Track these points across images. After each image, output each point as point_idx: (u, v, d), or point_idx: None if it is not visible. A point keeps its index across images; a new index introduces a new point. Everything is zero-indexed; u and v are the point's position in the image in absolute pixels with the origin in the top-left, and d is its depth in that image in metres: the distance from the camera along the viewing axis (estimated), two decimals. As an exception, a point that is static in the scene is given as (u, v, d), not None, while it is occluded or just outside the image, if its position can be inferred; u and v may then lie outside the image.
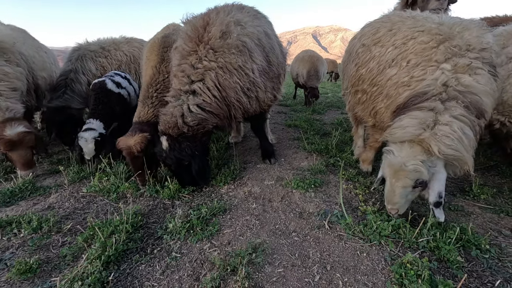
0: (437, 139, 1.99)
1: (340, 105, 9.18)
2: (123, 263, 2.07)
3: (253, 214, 2.63)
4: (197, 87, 2.70)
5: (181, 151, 2.68)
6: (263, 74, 3.10)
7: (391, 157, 2.19)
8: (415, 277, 1.76)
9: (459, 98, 2.09)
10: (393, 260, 2.01)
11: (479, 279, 1.87)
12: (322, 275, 1.92)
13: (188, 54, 2.80)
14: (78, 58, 4.73)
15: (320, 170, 3.51)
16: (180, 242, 2.27)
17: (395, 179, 2.16)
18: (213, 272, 1.91)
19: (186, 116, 2.66)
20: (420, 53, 2.37)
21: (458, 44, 2.25)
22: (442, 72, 2.19)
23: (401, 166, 2.10)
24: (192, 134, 2.70)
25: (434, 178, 2.11)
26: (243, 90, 2.88)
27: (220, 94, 2.77)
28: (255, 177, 3.41)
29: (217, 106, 2.76)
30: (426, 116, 2.09)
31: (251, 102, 3.03)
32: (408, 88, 2.36)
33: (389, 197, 2.26)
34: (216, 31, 2.77)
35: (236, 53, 2.77)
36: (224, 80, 2.74)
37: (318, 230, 2.38)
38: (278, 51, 3.46)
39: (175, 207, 2.78)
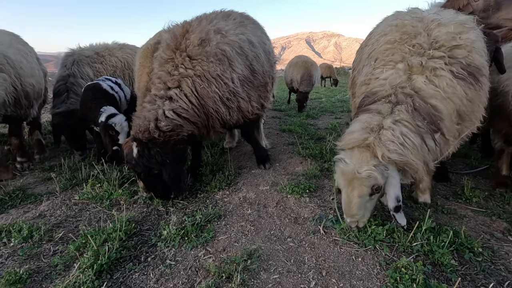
0: (381, 144, 1.91)
1: (334, 110, 9.26)
2: (116, 271, 2.03)
3: (248, 220, 2.62)
4: (173, 93, 2.65)
5: (150, 158, 2.54)
6: (246, 84, 3.04)
7: (343, 165, 2.02)
8: (410, 281, 1.76)
9: (408, 102, 1.99)
10: (388, 264, 2.01)
11: (472, 282, 1.88)
12: (318, 280, 1.91)
13: (165, 62, 2.77)
14: (73, 63, 4.67)
15: (315, 175, 3.52)
16: (175, 249, 2.24)
17: (351, 189, 2.02)
18: (208, 279, 1.89)
19: (160, 121, 2.57)
20: (384, 52, 2.29)
21: (419, 43, 2.14)
22: (395, 72, 2.10)
23: (355, 173, 1.95)
24: (163, 140, 2.58)
25: (388, 183, 2.00)
26: (222, 100, 2.81)
27: (198, 102, 2.73)
28: (250, 183, 3.41)
29: (194, 113, 2.70)
30: (372, 120, 2.01)
31: (231, 112, 2.95)
32: (367, 86, 2.30)
33: (347, 209, 2.12)
34: (194, 39, 2.75)
35: (214, 62, 2.72)
36: (201, 88, 2.70)
37: (313, 235, 2.38)
38: (264, 60, 3.37)
39: (169, 213, 2.76)
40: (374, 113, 2.04)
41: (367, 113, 2.08)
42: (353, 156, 2.00)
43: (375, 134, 1.96)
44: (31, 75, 4.07)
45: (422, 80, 2.02)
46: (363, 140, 1.98)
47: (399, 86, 2.04)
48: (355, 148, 2.02)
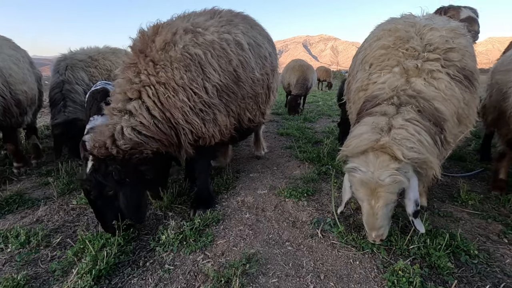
0: (398, 143, 1.79)
1: (331, 114, 9.32)
2: (114, 277, 2.03)
3: (246, 224, 2.63)
4: (133, 107, 2.28)
5: (106, 175, 2.18)
6: (226, 94, 2.58)
7: (360, 174, 1.86)
8: (407, 284, 1.78)
9: (412, 103, 1.95)
10: (386, 267, 2.03)
11: (469, 284, 1.91)
12: (316, 284, 1.92)
13: (128, 67, 2.40)
14: (67, 68, 4.47)
15: (313, 178, 3.54)
16: (173, 254, 2.25)
17: (375, 200, 1.86)
18: (207, 284, 1.90)
19: (117, 139, 2.22)
20: (379, 57, 2.27)
21: (412, 46, 2.14)
22: (392, 76, 2.09)
23: (377, 182, 1.80)
24: (122, 157, 2.23)
25: (408, 186, 1.87)
26: (194, 110, 2.40)
27: (163, 115, 2.34)
28: (248, 186, 3.42)
29: (156, 129, 2.32)
30: (378, 120, 1.93)
31: (207, 125, 2.51)
32: (365, 92, 2.25)
33: (371, 223, 1.95)
34: (159, 42, 2.38)
35: (179, 68, 2.32)
36: (167, 98, 2.30)
37: (311, 239, 2.39)
38: (256, 65, 2.90)
39: (168, 218, 2.75)
40: (378, 115, 1.97)
41: (370, 116, 2.00)
42: (369, 162, 1.85)
43: (386, 133, 1.85)
44: (23, 81, 3.89)
45: (421, 82, 2.00)
46: (375, 141, 1.84)
47: (400, 88, 2.01)
48: (368, 153, 1.87)
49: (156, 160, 2.42)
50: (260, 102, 3.11)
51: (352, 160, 1.95)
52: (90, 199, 2.27)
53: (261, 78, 3.02)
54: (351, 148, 1.94)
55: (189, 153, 2.60)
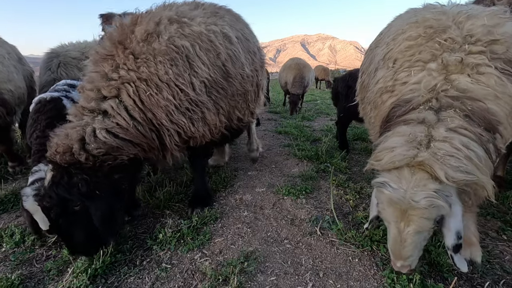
0: (440, 161, 1.46)
1: (329, 112, 9.31)
2: (110, 276, 2.00)
3: (244, 222, 2.61)
4: (109, 106, 1.98)
5: (69, 188, 1.83)
6: (216, 91, 2.36)
7: (390, 191, 1.55)
8: (407, 282, 1.77)
9: (456, 106, 1.61)
10: (385, 265, 2.01)
11: (468, 281, 1.89)
12: (315, 282, 1.90)
13: (103, 59, 2.09)
14: (59, 65, 4.18)
15: (311, 176, 3.52)
16: (170, 252, 2.22)
17: (405, 223, 1.55)
18: (204, 282, 1.87)
19: (88, 142, 1.90)
20: (406, 50, 1.95)
21: (450, 37, 1.79)
22: (427, 74, 1.75)
23: (409, 202, 1.49)
24: (92, 165, 1.89)
25: (450, 213, 1.53)
26: (179, 109, 2.16)
27: (144, 116, 2.06)
28: (246, 184, 3.40)
29: (136, 132, 2.03)
30: (415, 131, 1.60)
31: (196, 124, 2.28)
32: (391, 94, 1.93)
33: (398, 250, 1.62)
34: (140, 32, 2.12)
35: (164, 62, 2.07)
36: (149, 96, 2.03)
37: (310, 236, 2.37)
38: (245, 61, 2.69)
39: (165, 216, 2.72)
40: (415, 123, 1.64)
41: (404, 125, 1.68)
42: (402, 178, 1.54)
43: (425, 148, 1.53)
44: (7, 80, 3.66)
45: (466, 79, 1.65)
46: (413, 157, 1.52)
47: (440, 89, 1.67)
48: (403, 168, 1.56)
49: (132, 167, 2.16)
50: (249, 100, 2.91)
51: (382, 174, 1.65)
52: (50, 219, 1.91)
53: (251, 75, 2.81)
54: (383, 162, 1.64)
55: (176, 156, 2.37)
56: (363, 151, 4.66)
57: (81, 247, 1.98)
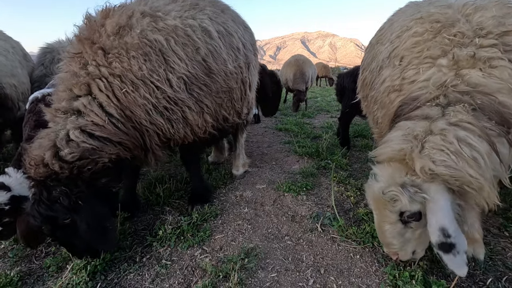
0: (423, 154, 1.47)
1: (330, 109, 9.28)
2: (110, 272, 1.99)
3: (245, 219, 2.59)
4: (81, 105, 1.84)
5: (51, 204, 1.70)
6: (197, 88, 2.24)
7: (371, 182, 1.66)
8: (409, 278, 1.75)
9: (465, 100, 1.55)
10: (386, 261, 2.00)
11: (471, 278, 1.88)
12: (316, 278, 1.89)
13: (71, 59, 1.98)
14: (52, 61, 4.07)
15: (312, 173, 3.50)
16: (170, 249, 2.21)
17: (378, 212, 1.68)
18: (204, 279, 1.86)
19: (60, 148, 1.74)
20: (413, 47, 1.89)
21: (460, 31, 1.72)
22: (437, 70, 1.70)
23: (379, 193, 1.57)
24: (69, 174, 1.74)
25: (428, 209, 1.50)
26: (157, 109, 2.04)
27: (122, 113, 1.94)
28: (246, 181, 3.38)
29: (114, 129, 1.90)
30: (416, 126, 1.58)
31: (175, 125, 2.17)
32: (399, 93, 1.88)
33: (380, 236, 1.79)
34: (110, 25, 1.99)
35: (137, 57, 1.94)
36: (125, 94, 1.91)
37: (311, 233, 2.36)
38: (228, 56, 2.55)
39: (165, 213, 2.71)
40: (419, 119, 1.61)
41: (406, 121, 1.68)
42: (384, 171, 1.60)
43: (419, 142, 1.51)
44: (11, 74, 3.62)
45: (477, 74, 1.59)
46: (398, 150, 1.56)
47: (449, 84, 1.61)
48: (390, 162, 1.61)
49: (118, 169, 2.04)
50: (235, 98, 2.78)
51: (377, 166, 1.69)
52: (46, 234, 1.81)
53: (234, 71, 2.65)
54: (377, 154, 1.70)
55: (159, 156, 2.26)
56: (364, 148, 4.63)
57: (83, 253, 1.93)
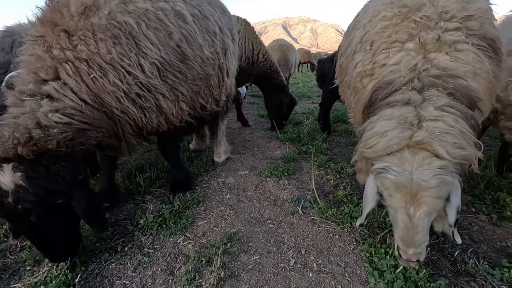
0: (438, 138, 1.45)
1: (311, 95, 9.35)
2: (91, 263, 1.96)
3: (227, 204, 2.61)
4: (52, 89, 1.73)
5: (54, 178, 1.64)
6: (172, 75, 2.15)
7: (395, 175, 1.48)
8: (384, 254, 1.85)
9: (439, 84, 1.60)
10: (364, 240, 2.09)
11: (440, 251, 2.01)
12: (297, 259, 1.95)
13: (34, 42, 1.86)
14: (13, 45, 3.67)
15: (293, 158, 3.55)
16: (153, 237, 2.19)
17: (415, 207, 1.47)
18: (187, 265, 1.88)
19: (46, 127, 1.66)
20: (382, 31, 1.90)
21: (425, 15, 1.76)
22: (406, 54, 1.73)
23: (419, 183, 1.43)
24: (65, 151, 1.70)
25: (453, 189, 1.51)
26: (128, 96, 1.94)
27: (95, 99, 1.85)
28: (228, 168, 3.38)
29: (92, 114, 1.83)
30: (404, 112, 1.57)
31: (148, 114, 2.08)
32: (372, 78, 1.89)
33: (410, 238, 1.53)
34: (75, 5, 1.85)
35: (105, 39, 1.82)
36: (93, 80, 1.81)
37: (292, 216, 2.42)
38: (204, 41, 2.44)
39: (146, 202, 2.68)
40: (400, 105, 1.60)
41: (389, 107, 1.64)
42: (404, 160, 1.48)
43: (418, 128, 1.51)
44: None
45: (445, 57, 1.63)
46: (409, 137, 1.49)
47: (421, 68, 1.64)
48: (403, 150, 1.51)
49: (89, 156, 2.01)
50: (212, 86, 2.70)
51: (381, 159, 1.57)
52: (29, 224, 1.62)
53: (211, 57, 2.55)
54: (378, 149, 1.57)
55: (133, 145, 2.20)
56: (344, 133, 4.74)
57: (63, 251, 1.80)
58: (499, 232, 2.24)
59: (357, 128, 2.43)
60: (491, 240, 2.16)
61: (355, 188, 2.83)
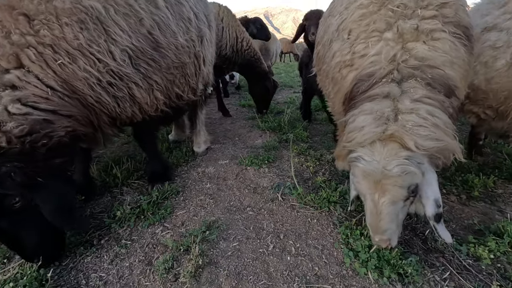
0: (409, 131, 1.48)
1: (293, 85, 9.37)
2: (65, 258, 1.90)
3: (207, 194, 2.59)
4: (14, 78, 1.60)
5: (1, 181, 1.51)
6: (145, 63, 2.06)
7: (364, 164, 1.55)
8: (359, 235, 1.90)
9: (417, 75, 1.61)
10: (341, 223, 2.14)
11: (412, 231, 2.10)
12: (276, 243, 1.98)
13: None
14: None
15: (274, 146, 3.57)
16: (130, 229, 2.15)
17: (379, 194, 1.54)
18: (166, 254, 1.86)
19: (3, 122, 1.55)
20: (359, 20, 1.87)
21: (402, 3, 1.74)
22: (385, 44, 1.71)
23: (383, 172, 1.48)
24: (21, 149, 1.57)
25: (425, 181, 1.54)
26: (101, 84, 1.85)
27: (65, 86, 1.73)
28: (209, 158, 3.35)
29: (60, 101, 1.71)
30: (382, 107, 1.58)
31: (121, 104, 2.00)
32: (351, 68, 1.86)
33: (375, 223, 1.60)
34: None
35: (71, 24, 1.70)
36: (61, 66, 1.69)
37: (272, 202, 2.44)
38: (178, 28, 2.35)
39: (124, 194, 2.61)
40: (380, 98, 1.61)
41: (369, 101, 1.65)
42: (375, 150, 1.53)
43: (393, 122, 1.53)
44: None
45: (423, 47, 1.65)
46: (382, 132, 1.53)
47: (400, 59, 1.64)
48: (375, 142, 1.55)
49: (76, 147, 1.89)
50: (188, 74, 2.60)
51: (355, 150, 1.63)
52: None
53: (186, 45, 2.45)
54: (355, 142, 1.63)
55: (110, 134, 2.13)
56: (324, 121, 4.79)
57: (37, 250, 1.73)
58: (467, 211, 2.36)
59: (335, 117, 2.45)
60: (459, 219, 2.27)
61: (333, 174, 2.88)
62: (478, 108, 2.31)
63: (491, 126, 2.31)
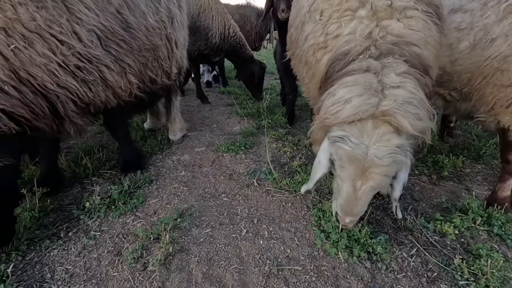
0: (401, 108, 1.36)
1: (274, 71, 9.25)
2: (29, 252, 1.82)
3: (181, 181, 2.54)
4: None
5: None
6: (115, 44, 1.95)
7: (351, 147, 1.40)
8: (331, 216, 1.92)
9: (395, 51, 1.53)
10: (314, 205, 2.16)
11: (384, 211, 2.14)
12: (249, 228, 1.98)
13: None
14: None
15: (252, 132, 3.53)
16: (100, 220, 2.08)
17: (362, 180, 1.44)
18: (135, 244, 1.81)
19: None
20: (330, 1, 1.80)
21: None
22: (359, 22, 1.64)
23: (372, 160, 1.36)
24: None
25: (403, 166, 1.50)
26: (66, 69, 1.69)
27: (13, 75, 1.55)
28: (185, 145, 3.28)
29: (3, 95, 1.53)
30: (368, 78, 1.45)
31: (93, 88, 1.88)
32: (325, 51, 1.78)
33: (349, 208, 1.56)
34: None
35: (26, 3, 1.52)
36: (14, 51, 1.52)
37: (247, 188, 2.42)
38: (147, 9, 2.25)
39: (94, 185, 2.52)
40: (360, 73, 1.49)
41: (348, 76, 1.52)
42: (365, 132, 1.40)
43: (382, 96, 1.40)
44: None
45: (398, 24, 1.58)
46: (376, 105, 1.39)
47: (377, 36, 1.56)
48: (367, 120, 1.41)
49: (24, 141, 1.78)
50: (161, 57, 2.53)
51: (340, 127, 1.47)
52: None
53: (157, 26, 2.36)
54: (343, 115, 1.43)
55: (79, 123, 1.96)
56: (303, 107, 4.78)
57: None
58: (437, 190, 2.44)
59: (311, 102, 2.39)
60: (429, 198, 2.34)
61: (310, 158, 2.89)
62: (444, 90, 2.33)
63: (456, 107, 2.36)
